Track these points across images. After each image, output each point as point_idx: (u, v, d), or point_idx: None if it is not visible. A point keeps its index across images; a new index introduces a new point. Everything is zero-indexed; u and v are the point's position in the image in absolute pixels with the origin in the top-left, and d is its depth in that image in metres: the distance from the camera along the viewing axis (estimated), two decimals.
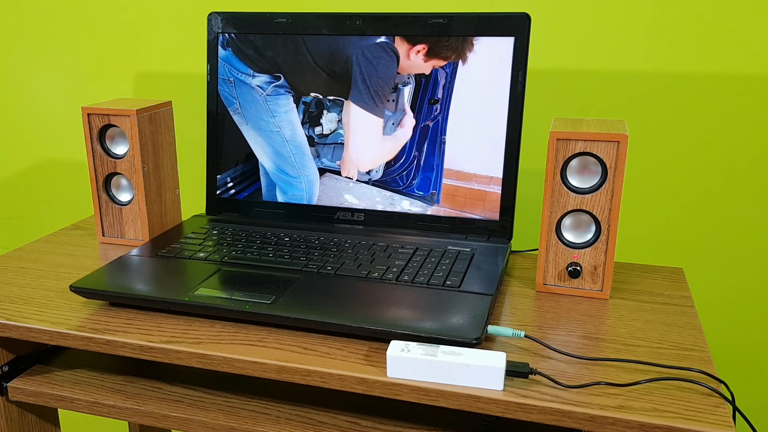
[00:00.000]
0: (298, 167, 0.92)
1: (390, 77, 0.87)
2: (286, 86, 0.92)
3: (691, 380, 0.61)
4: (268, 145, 0.93)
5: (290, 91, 0.91)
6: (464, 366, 0.60)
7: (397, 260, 0.81)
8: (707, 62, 0.95)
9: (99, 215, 0.95)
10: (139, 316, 0.74)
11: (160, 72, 1.19)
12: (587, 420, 0.57)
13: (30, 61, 1.26)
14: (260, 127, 0.93)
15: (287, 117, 0.91)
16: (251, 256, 0.83)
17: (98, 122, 0.91)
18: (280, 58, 0.92)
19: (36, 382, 0.80)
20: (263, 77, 0.93)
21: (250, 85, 0.93)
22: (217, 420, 0.73)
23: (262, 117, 0.93)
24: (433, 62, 0.85)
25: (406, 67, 0.86)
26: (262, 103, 0.92)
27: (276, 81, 0.92)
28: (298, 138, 0.91)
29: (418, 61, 0.85)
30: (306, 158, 0.92)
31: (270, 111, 0.92)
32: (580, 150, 0.74)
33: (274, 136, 0.92)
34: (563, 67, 1.00)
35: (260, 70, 0.93)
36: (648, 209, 1.03)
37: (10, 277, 0.85)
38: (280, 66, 0.92)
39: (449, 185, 0.88)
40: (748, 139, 0.97)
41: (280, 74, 0.92)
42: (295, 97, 0.92)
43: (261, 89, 0.93)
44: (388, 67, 0.87)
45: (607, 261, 0.77)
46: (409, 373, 0.61)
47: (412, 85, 0.87)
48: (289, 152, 0.91)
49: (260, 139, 0.93)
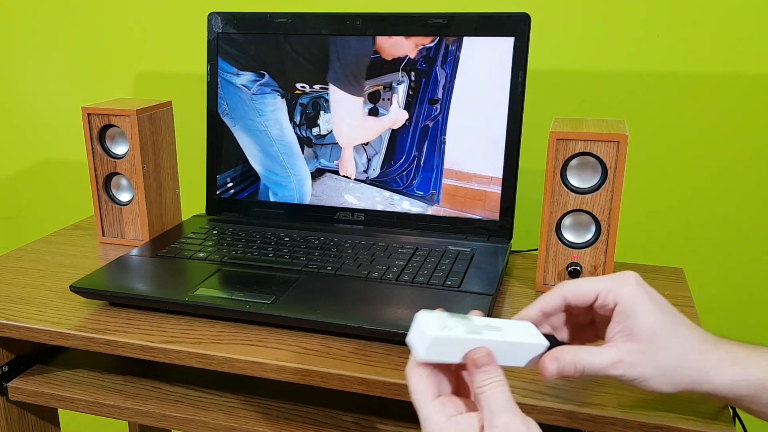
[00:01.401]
0: (288, 167, 0.92)
1: (366, 55, 0.88)
2: (272, 84, 0.92)
3: None
4: (256, 145, 0.93)
5: (277, 90, 0.92)
6: (510, 344, 0.50)
7: (397, 260, 0.81)
8: (707, 62, 0.95)
9: (99, 215, 0.95)
10: (139, 316, 0.74)
11: (160, 72, 1.19)
12: (587, 420, 0.57)
13: (30, 61, 1.26)
14: (247, 127, 0.94)
15: (274, 116, 0.91)
16: (251, 256, 0.83)
17: (98, 122, 0.91)
18: (262, 53, 0.92)
19: (36, 382, 0.80)
20: (248, 75, 0.93)
21: (236, 85, 0.93)
22: (217, 420, 0.73)
23: (249, 117, 0.93)
24: (414, 40, 0.85)
25: (387, 48, 0.87)
26: (248, 102, 0.92)
27: (260, 78, 0.92)
28: (286, 137, 0.91)
29: (399, 40, 0.85)
30: (295, 157, 0.92)
31: (257, 110, 0.92)
32: (580, 150, 0.74)
33: (261, 135, 0.92)
34: (563, 67, 1.00)
35: (244, 67, 0.93)
36: (648, 209, 1.03)
37: (10, 277, 0.85)
38: (263, 62, 0.92)
39: (449, 185, 0.88)
40: (748, 139, 0.97)
41: (264, 71, 0.92)
42: (284, 96, 0.92)
43: (246, 88, 0.93)
44: (363, 46, 0.88)
45: (607, 261, 0.77)
46: (448, 355, 0.49)
47: (406, 83, 0.87)
48: (277, 151, 0.91)
49: (248, 139, 0.94)
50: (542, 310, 0.53)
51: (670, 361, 0.50)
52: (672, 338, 0.50)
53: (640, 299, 0.50)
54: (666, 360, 0.50)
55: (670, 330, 0.50)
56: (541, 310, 0.53)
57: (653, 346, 0.50)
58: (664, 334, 0.50)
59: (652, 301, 0.51)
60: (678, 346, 0.50)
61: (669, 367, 0.50)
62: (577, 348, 0.51)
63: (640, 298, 0.50)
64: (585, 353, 0.50)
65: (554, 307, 0.53)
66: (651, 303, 0.50)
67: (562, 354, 0.50)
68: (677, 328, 0.51)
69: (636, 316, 0.50)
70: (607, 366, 0.50)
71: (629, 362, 0.50)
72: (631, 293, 0.51)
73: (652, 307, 0.50)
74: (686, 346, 0.50)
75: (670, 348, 0.50)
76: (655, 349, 0.50)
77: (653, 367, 0.50)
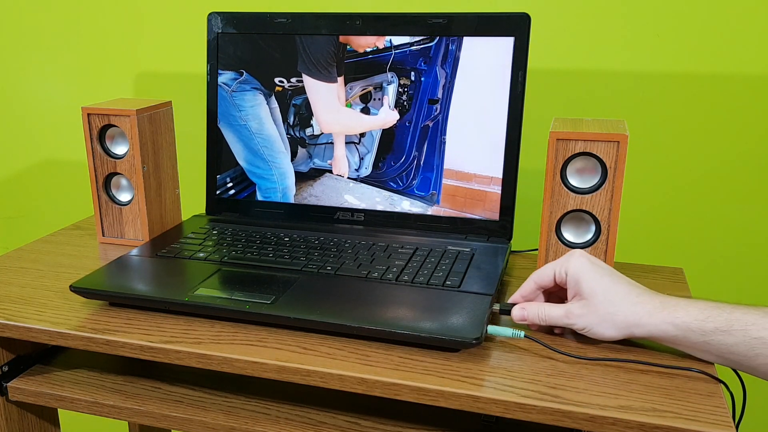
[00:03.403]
0: (269, 160, 0.93)
1: (330, 44, 0.89)
2: (251, 81, 0.93)
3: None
4: (238, 141, 0.95)
5: (256, 87, 0.93)
6: None
7: (397, 260, 0.81)
8: (707, 62, 0.95)
9: (99, 215, 0.95)
10: (139, 316, 0.74)
11: (160, 72, 1.19)
12: (587, 420, 0.57)
13: (30, 61, 1.26)
14: (230, 123, 0.95)
15: (254, 111, 0.93)
16: (251, 256, 0.83)
17: (98, 122, 0.91)
18: (240, 52, 0.93)
19: (36, 382, 0.80)
20: (228, 74, 0.94)
21: (218, 83, 0.94)
22: (217, 420, 0.73)
23: (230, 113, 0.94)
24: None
25: (353, 38, 0.88)
26: (229, 100, 0.94)
27: (239, 77, 0.93)
28: (265, 131, 0.92)
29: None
30: (276, 152, 0.93)
31: (236, 106, 0.93)
32: (580, 150, 0.74)
33: (241, 130, 0.93)
34: (563, 67, 1.00)
35: (224, 67, 0.94)
36: (648, 209, 1.03)
37: (10, 277, 0.85)
38: (242, 61, 0.93)
39: (449, 185, 0.88)
40: (748, 139, 0.97)
41: (243, 69, 0.93)
42: (266, 95, 0.93)
43: (227, 86, 0.93)
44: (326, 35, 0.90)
45: (606, 261, 0.77)
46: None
47: (395, 83, 0.88)
48: (257, 145, 0.92)
49: (231, 135, 0.95)
50: (522, 295, 0.71)
51: (608, 311, 0.63)
52: (610, 294, 0.63)
53: (581, 267, 0.65)
54: (605, 310, 0.63)
55: (608, 287, 0.64)
56: (521, 296, 0.71)
57: (594, 300, 0.64)
58: (603, 291, 0.64)
59: (593, 267, 0.65)
60: (616, 300, 0.63)
61: (608, 316, 0.63)
62: (542, 303, 0.68)
63: (582, 266, 0.65)
64: (546, 307, 0.67)
65: (531, 291, 0.70)
66: (592, 269, 0.65)
67: (529, 305, 0.68)
68: (615, 286, 0.64)
69: (580, 280, 0.65)
70: (561, 316, 0.66)
71: (577, 313, 0.65)
72: (576, 265, 0.66)
73: (593, 271, 0.65)
74: (623, 299, 0.63)
75: (609, 301, 0.63)
76: (595, 302, 0.64)
77: (596, 316, 0.64)
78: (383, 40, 0.88)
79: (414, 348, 0.66)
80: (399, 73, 0.88)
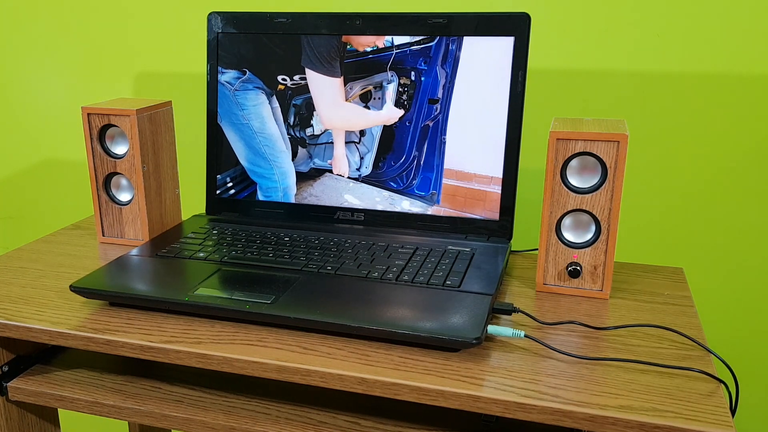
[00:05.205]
0: (271, 159, 0.93)
1: (333, 40, 0.89)
2: (254, 80, 0.93)
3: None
4: (240, 140, 0.94)
5: (259, 86, 0.93)
6: None
7: (397, 260, 0.81)
8: (707, 62, 0.95)
9: (99, 215, 0.95)
10: (139, 316, 0.74)
11: (160, 72, 1.19)
12: (587, 420, 0.57)
13: (30, 60, 1.26)
14: (232, 122, 0.95)
15: (256, 110, 0.93)
16: (251, 256, 0.83)
17: (98, 122, 0.91)
18: (243, 51, 0.93)
19: (36, 382, 0.80)
20: (230, 73, 0.93)
21: (220, 82, 0.94)
22: (217, 420, 0.73)
23: (233, 112, 0.94)
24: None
25: (354, 37, 0.88)
26: (232, 99, 0.93)
27: (242, 75, 0.93)
28: (267, 130, 0.92)
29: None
30: (277, 151, 0.93)
31: (239, 105, 0.93)
32: (580, 150, 0.74)
33: (244, 129, 0.93)
34: (563, 67, 1.00)
35: (226, 66, 0.93)
36: (648, 209, 1.03)
37: (10, 277, 0.85)
38: (245, 60, 0.93)
39: (449, 185, 0.88)
40: (748, 139, 0.97)
41: (245, 68, 0.93)
42: (268, 94, 0.93)
43: (229, 85, 0.93)
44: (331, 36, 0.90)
45: (607, 261, 0.77)
46: None
47: (395, 83, 0.88)
48: (259, 144, 0.92)
49: (233, 134, 0.95)
50: None
51: None
52: None
53: None
54: None
55: None
56: None
57: None
58: None
59: None
60: None
61: None
62: None
63: None
64: None
65: None
66: None
67: None
68: None
69: None
70: None
71: None
72: None
73: None
74: None
75: None
76: None
77: None
78: (383, 40, 0.88)
79: (414, 348, 0.66)
80: (399, 72, 0.88)
